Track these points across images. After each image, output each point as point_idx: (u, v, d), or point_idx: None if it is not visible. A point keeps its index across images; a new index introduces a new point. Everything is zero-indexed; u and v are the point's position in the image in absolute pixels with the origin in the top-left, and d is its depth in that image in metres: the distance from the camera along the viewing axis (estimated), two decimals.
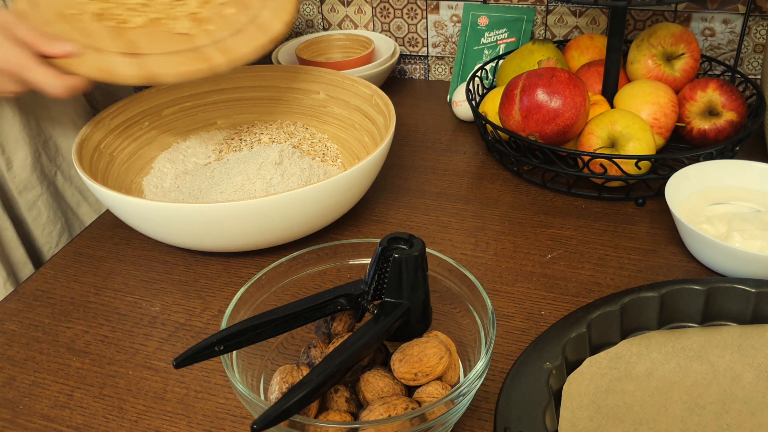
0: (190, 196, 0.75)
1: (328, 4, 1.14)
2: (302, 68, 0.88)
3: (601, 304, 0.55)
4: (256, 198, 0.61)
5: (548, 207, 0.77)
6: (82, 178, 0.66)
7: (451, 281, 0.53)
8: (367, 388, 0.46)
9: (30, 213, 0.82)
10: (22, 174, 0.80)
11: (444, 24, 1.09)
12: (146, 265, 0.71)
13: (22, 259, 0.80)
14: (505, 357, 0.57)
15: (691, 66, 0.84)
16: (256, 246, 0.68)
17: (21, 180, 0.80)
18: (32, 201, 0.81)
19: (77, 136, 0.73)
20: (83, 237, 0.76)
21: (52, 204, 0.83)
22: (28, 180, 0.80)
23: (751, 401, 0.49)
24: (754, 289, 0.56)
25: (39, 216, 0.82)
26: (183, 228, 0.64)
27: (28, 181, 0.80)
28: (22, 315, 0.65)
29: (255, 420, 0.39)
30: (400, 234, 0.47)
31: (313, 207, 0.65)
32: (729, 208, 0.69)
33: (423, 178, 0.84)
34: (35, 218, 0.82)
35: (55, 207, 0.84)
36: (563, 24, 1.04)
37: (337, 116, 0.86)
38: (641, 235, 0.72)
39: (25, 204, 0.81)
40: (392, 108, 0.75)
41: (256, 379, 0.50)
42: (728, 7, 0.95)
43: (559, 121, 0.74)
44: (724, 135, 0.81)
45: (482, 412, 0.52)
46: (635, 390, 0.51)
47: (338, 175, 0.64)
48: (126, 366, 0.59)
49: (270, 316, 0.47)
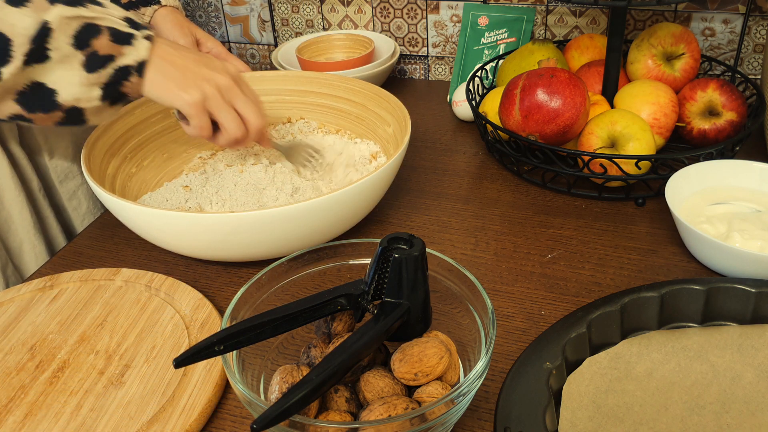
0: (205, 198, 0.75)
1: (328, 4, 1.14)
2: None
3: (601, 304, 0.55)
4: (277, 207, 0.60)
5: (548, 207, 0.77)
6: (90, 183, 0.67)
7: (451, 281, 0.53)
8: (367, 388, 0.46)
9: (70, 203, 0.84)
10: (64, 163, 0.82)
11: (444, 24, 1.09)
12: (146, 265, 0.71)
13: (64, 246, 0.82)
14: (505, 357, 0.57)
15: (691, 66, 0.84)
16: (270, 255, 0.67)
17: (62, 169, 0.82)
18: (72, 191, 0.84)
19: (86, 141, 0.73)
20: (83, 237, 0.76)
21: (92, 195, 0.86)
22: (69, 169, 0.83)
23: (751, 401, 0.49)
24: (754, 289, 0.56)
25: (79, 206, 0.85)
26: (185, 235, 0.64)
27: (69, 170, 0.83)
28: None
29: (255, 420, 0.39)
30: (400, 234, 0.47)
31: (321, 221, 0.64)
32: (729, 208, 0.69)
33: (423, 178, 0.84)
34: (75, 208, 0.85)
35: (94, 198, 0.86)
36: (563, 24, 1.04)
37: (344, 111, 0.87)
38: (641, 235, 0.72)
39: (66, 193, 0.84)
40: (408, 118, 0.75)
41: (256, 379, 0.50)
42: (728, 7, 0.95)
43: (559, 121, 0.74)
44: (724, 135, 0.81)
45: (482, 412, 0.52)
46: (635, 390, 0.51)
47: (342, 190, 0.63)
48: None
49: (270, 316, 0.47)
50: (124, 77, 0.62)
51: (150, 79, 0.64)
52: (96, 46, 0.60)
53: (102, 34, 0.60)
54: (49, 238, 0.82)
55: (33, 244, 0.78)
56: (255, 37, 1.21)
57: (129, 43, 0.62)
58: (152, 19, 0.84)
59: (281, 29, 1.19)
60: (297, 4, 1.15)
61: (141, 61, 0.62)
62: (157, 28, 0.84)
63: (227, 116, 0.67)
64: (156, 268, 0.70)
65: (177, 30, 0.83)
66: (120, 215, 0.66)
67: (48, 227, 0.82)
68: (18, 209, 0.76)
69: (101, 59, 0.60)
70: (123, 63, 0.62)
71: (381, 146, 0.81)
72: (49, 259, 0.77)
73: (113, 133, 0.77)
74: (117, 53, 0.61)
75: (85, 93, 0.61)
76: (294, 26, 1.18)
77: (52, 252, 0.81)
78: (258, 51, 1.23)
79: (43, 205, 0.81)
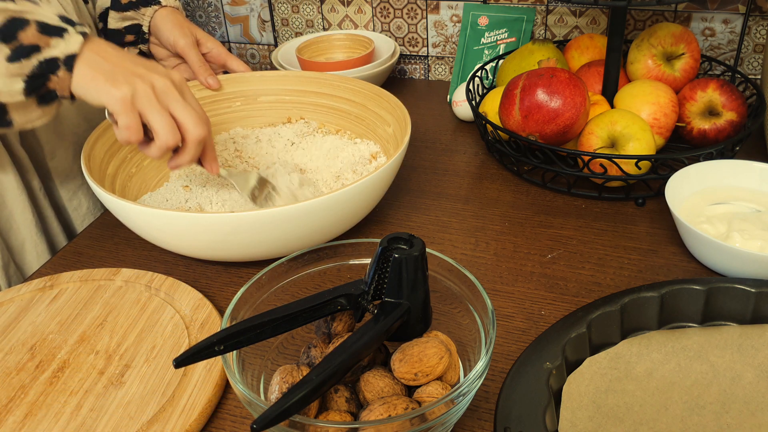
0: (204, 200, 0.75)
1: (328, 4, 1.14)
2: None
3: (601, 304, 0.55)
4: (284, 207, 0.60)
5: (548, 207, 0.77)
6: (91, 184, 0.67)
7: (451, 281, 0.53)
8: (367, 388, 0.46)
9: (71, 203, 0.85)
10: (64, 164, 0.82)
11: (444, 24, 1.09)
12: (146, 265, 0.71)
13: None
14: (505, 357, 0.57)
15: (691, 66, 0.84)
16: (270, 255, 0.66)
17: (63, 169, 0.82)
18: (73, 191, 0.84)
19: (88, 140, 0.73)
20: (83, 237, 0.76)
21: (92, 195, 0.86)
22: (70, 170, 0.83)
23: (751, 401, 0.49)
24: (754, 289, 0.56)
25: (79, 206, 0.85)
26: (185, 235, 0.64)
27: (70, 170, 0.83)
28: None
29: (255, 420, 0.39)
30: (400, 234, 0.47)
31: (321, 221, 0.64)
32: (729, 208, 0.69)
33: (423, 178, 0.84)
34: (76, 208, 0.85)
35: (95, 198, 0.86)
36: (563, 24, 1.04)
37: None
38: (641, 235, 0.72)
39: (67, 193, 0.84)
40: (408, 118, 0.75)
41: (256, 379, 0.50)
42: (728, 7, 0.95)
43: (559, 121, 0.74)
44: (724, 135, 0.80)
45: (482, 412, 0.52)
46: (635, 390, 0.51)
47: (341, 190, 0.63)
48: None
49: (270, 316, 0.47)
50: (50, 70, 0.59)
51: (79, 74, 0.60)
52: (21, 38, 0.57)
53: (29, 26, 0.58)
54: (50, 238, 0.82)
55: (35, 243, 0.78)
56: (255, 37, 1.21)
57: (59, 36, 0.59)
58: (152, 20, 0.84)
59: (281, 29, 1.19)
60: (297, 4, 1.15)
61: (70, 54, 0.59)
62: (157, 28, 0.84)
63: (158, 118, 0.61)
64: (156, 268, 0.70)
65: (177, 30, 0.83)
66: (120, 215, 0.66)
67: (49, 227, 0.82)
68: (20, 209, 0.76)
69: (25, 49, 0.57)
70: (50, 55, 0.58)
71: (381, 146, 0.81)
72: (50, 258, 0.77)
73: (113, 133, 0.77)
74: (44, 44, 0.58)
75: (6, 85, 0.58)
76: (294, 26, 1.18)
77: (54, 251, 0.81)
78: (258, 51, 1.23)
79: (44, 204, 0.81)
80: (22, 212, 0.76)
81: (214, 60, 0.86)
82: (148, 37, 0.85)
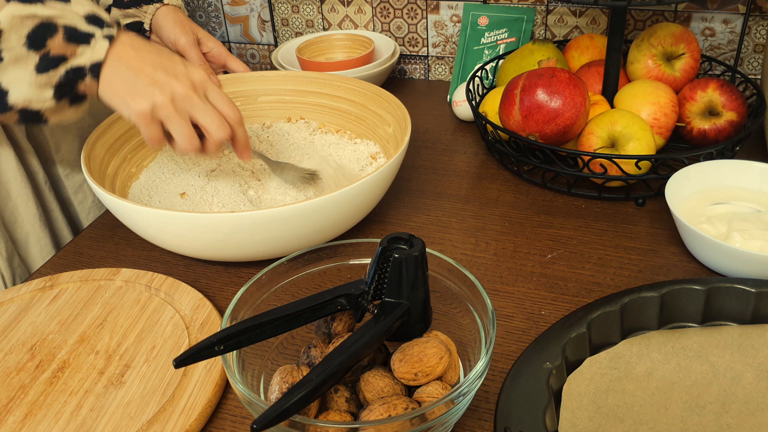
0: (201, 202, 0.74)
1: (328, 4, 1.14)
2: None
3: (601, 304, 0.55)
4: (285, 206, 0.60)
5: (548, 207, 0.77)
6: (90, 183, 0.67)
7: (451, 281, 0.53)
8: (367, 388, 0.46)
9: (76, 196, 0.85)
10: (70, 157, 0.83)
11: (444, 24, 1.09)
12: (146, 265, 0.71)
13: (68, 239, 0.83)
14: (505, 357, 0.57)
15: (691, 66, 0.84)
16: (270, 255, 0.66)
17: (68, 163, 0.83)
18: (78, 184, 0.84)
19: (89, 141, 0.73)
20: (83, 237, 0.76)
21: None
22: (75, 163, 0.83)
23: (751, 401, 0.49)
24: (754, 289, 0.56)
25: (85, 199, 0.85)
26: (184, 235, 0.64)
27: (75, 164, 0.83)
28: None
29: (255, 420, 0.39)
30: (400, 234, 0.47)
31: (319, 222, 0.64)
32: (729, 208, 0.69)
33: (423, 178, 0.84)
34: (81, 201, 0.85)
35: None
36: (563, 24, 1.04)
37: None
38: (641, 235, 0.72)
39: (72, 187, 0.84)
40: (408, 118, 0.75)
41: (256, 379, 0.50)
42: (728, 7, 0.95)
43: (559, 121, 0.74)
44: (724, 135, 0.81)
45: (482, 412, 0.52)
46: (635, 390, 0.51)
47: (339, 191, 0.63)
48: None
49: (270, 316, 0.47)
50: (78, 78, 0.60)
51: (104, 82, 0.61)
52: (50, 46, 0.58)
53: (57, 33, 0.58)
54: (54, 231, 0.82)
55: (39, 237, 0.78)
56: (255, 37, 1.21)
57: (86, 43, 0.60)
58: (154, 17, 0.84)
59: (281, 29, 1.19)
60: (297, 4, 1.15)
61: (96, 63, 0.60)
62: (159, 26, 0.84)
63: (177, 128, 0.63)
64: (156, 268, 0.70)
65: (179, 28, 0.83)
66: (120, 215, 0.66)
67: (53, 220, 0.82)
68: (24, 202, 0.76)
69: (53, 60, 0.58)
70: (76, 64, 0.59)
71: (381, 146, 0.81)
72: (54, 252, 0.77)
73: (113, 133, 0.77)
74: (70, 54, 0.59)
75: (36, 94, 0.59)
76: (294, 26, 1.18)
77: (58, 245, 0.82)
78: (258, 51, 1.23)
79: (49, 198, 0.81)
80: (26, 205, 0.77)
81: (215, 59, 0.86)
82: (150, 34, 0.85)
